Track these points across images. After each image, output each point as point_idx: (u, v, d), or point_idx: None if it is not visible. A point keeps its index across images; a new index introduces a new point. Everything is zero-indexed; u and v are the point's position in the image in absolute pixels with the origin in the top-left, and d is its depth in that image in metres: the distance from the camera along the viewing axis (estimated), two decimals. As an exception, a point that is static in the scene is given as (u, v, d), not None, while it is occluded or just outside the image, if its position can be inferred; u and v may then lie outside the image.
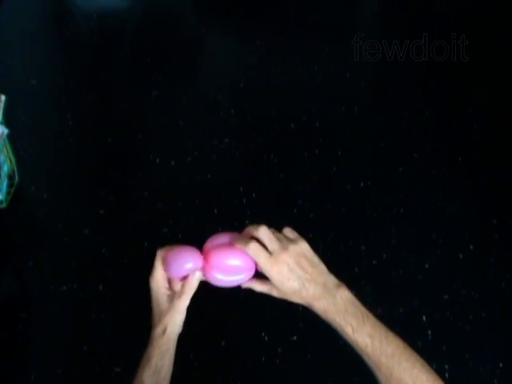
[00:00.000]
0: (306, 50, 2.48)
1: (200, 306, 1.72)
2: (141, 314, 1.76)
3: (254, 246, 0.74)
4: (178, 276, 0.79)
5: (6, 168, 1.83)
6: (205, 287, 0.83)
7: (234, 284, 0.82)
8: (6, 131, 1.73)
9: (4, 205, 1.82)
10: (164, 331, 0.80)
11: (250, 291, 0.86)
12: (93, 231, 1.82)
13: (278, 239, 0.75)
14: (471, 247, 1.80)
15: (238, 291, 1.72)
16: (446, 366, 1.49)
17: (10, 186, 1.86)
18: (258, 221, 0.84)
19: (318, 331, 1.61)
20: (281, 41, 2.54)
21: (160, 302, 0.80)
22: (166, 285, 0.81)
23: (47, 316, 1.65)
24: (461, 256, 1.78)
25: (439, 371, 0.71)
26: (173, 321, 0.80)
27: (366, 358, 0.71)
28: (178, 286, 0.80)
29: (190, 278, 0.79)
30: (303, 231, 0.79)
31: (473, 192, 1.96)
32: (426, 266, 1.74)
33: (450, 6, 2.69)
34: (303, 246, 0.76)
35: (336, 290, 0.73)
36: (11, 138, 1.80)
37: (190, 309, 0.85)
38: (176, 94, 2.29)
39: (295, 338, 1.59)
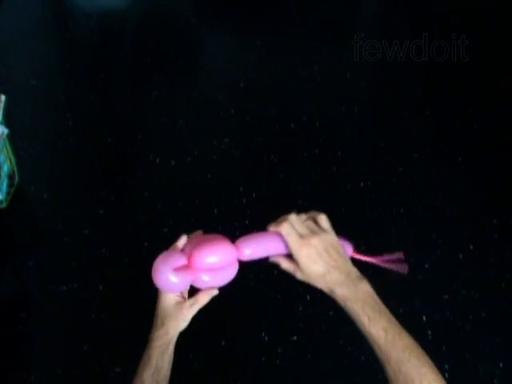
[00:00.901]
0: (306, 50, 2.48)
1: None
2: (141, 314, 1.76)
3: (286, 226, 0.76)
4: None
5: (6, 168, 1.83)
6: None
7: (223, 282, 0.81)
8: (5, 131, 1.73)
9: (4, 205, 1.82)
10: (166, 334, 0.82)
11: (251, 292, 0.86)
12: (93, 231, 1.82)
13: (310, 226, 0.78)
14: (471, 247, 1.80)
15: (238, 291, 1.73)
16: (446, 366, 1.49)
17: (10, 185, 1.86)
18: (257, 220, 0.84)
19: (318, 331, 1.62)
20: (281, 41, 2.54)
21: (167, 305, 0.83)
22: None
23: (47, 316, 1.65)
24: (461, 256, 1.78)
25: (439, 371, 0.72)
26: (177, 327, 0.83)
27: (377, 349, 0.72)
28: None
29: (205, 291, 0.81)
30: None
31: (473, 192, 1.96)
32: (426, 266, 1.74)
33: (449, 5, 2.69)
34: (332, 237, 0.78)
35: (358, 281, 0.75)
36: (11, 138, 1.80)
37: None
38: (176, 94, 2.30)
39: (295, 338, 1.59)
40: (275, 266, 0.77)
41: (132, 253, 1.77)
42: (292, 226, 0.76)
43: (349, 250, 0.84)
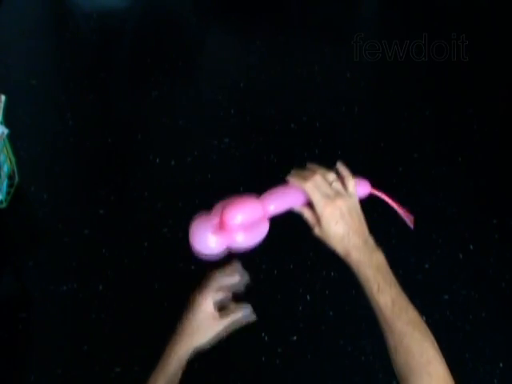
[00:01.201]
0: (306, 50, 2.48)
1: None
2: (141, 314, 1.77)
3: (311, 185, 0.76)
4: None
5: (6, 168, 1.83)
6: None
7: (256, 240, 0.80)
8: (5, 131, 1.73)
9: (4, 205, 1.82)
10: (190, 345, 0.85)
11: (250, 292, 0.86)
12: (93, 231, 1.82)
13: (336, 187, 0.78)
14: (471, 247, 1.80)
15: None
16: (446, 366, 1.49)
17: (10, 185, 1.86)
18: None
19: (318, 331, 1.62)
20: (281, 41, 2.54)
21: (201, 318, 0.84)
22: (212, 306, 0.85)
23: (47, 316, 1.65)
24: (461, 256, 1.78)
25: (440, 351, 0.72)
26: (202, 339, 0.85)
27: (382, 319, 0.73)
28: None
29: (238, 309, 0.85)
30: (303, 231, 0.79)
31: (473, 192, 1.96)
32: (426, 266, 1.74)
33: (449, 6, 2.69)
34: (356, 202, 0.79)
35: (374, 250, 0.76)
36: (11, 138, 1.80)
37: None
38: (176, 94, 2.29)
39: (295, 337, 1.59)
40: (275, 266, 0.77)
41: (132, 253, 1.77)
42: (315, 185, 0.76)
43: (366, 187, 0.87)
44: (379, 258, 0.76)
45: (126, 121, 2.21)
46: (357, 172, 0.86)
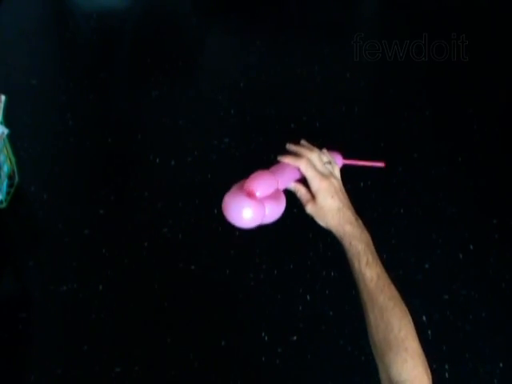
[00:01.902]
0: (306, 50, 2.48)
1: (200, 305, 1.73)
2: (141, 314, 1.77)
3: (305, 162, 0.79)
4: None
5: (6, 168, 1.83)
6: (203, 288, 0.83)
7: (281, 210, 0.82)
8: (5, 131, 1.73)
9: (4, 205, 1.82)
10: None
11: (251, 292, 0.86)
12: (93, 231, 1.82)
13: (328, 168, 0.81)
14: (471, 247, 1.80)
15: (238, 291, 1.73)
16: (446, 366, 1.49)
17: (10, 185, 1.86)
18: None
19: (318, 331, 1.62)
20: (281, 41, 2.54)
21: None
22: None
23: (47, 316, 1.65)
24: (461, 256, 1.78)
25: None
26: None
27: (365, 292, 0.75)
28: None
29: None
30: (303, 231, 0.79)
31: (473, 192, 1.96)
32: (426, 266, 1.74)
33: (449, 6, 2.69)
34: (340, 183, 0.82)
35: (363, 228, 0.78)
36: (11, 138, 1.80)
37: (191, 309, 0.86)
38: (176, 94, 2.29)
39: (295, 337, 1.59)
40: (275, 266, 0.77)
41: (132, 253, 1.77)
42: (309, 162, 0.79)
43: (339, 159, 0.90)
44: (368, 236, 0.78)
45: (126, 121, 2.21)
46: (357, 172, 0.86)
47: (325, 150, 0.85)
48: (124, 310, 1.64)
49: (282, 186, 0.82)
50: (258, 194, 0.79)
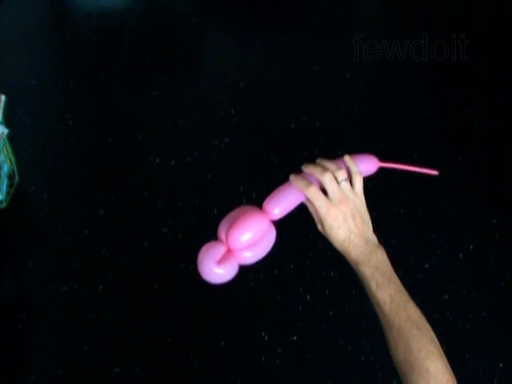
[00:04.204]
0: (306, 50, 2.48)
1: (200, 305, 1.73)
2: (141, 314, 1.77)
3: (313, 191, 0.76)
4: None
5: (6, 168, 1.83)
6: (203, 288, 0.83)
7: (267, 249, 0.82)
8: (5, 131, 1.73)
9: (4, 205, 1.82)
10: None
11: (251, 292, 0.86)
12: (93, 231, 1.82)
13: (341, 188, 0.77)
14: (471, 247, 1.80)
15: (238, 291, 1.73)
16: (446, 366, 1.49)
17: (10, 185, 1.86)
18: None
19: (318, 331, 1.62)
20: (281, 41, 2.54)
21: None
22: None
23: (47, 316, 1.65)
24: (461, 256, 1.78)
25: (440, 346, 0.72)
26: None
27: (381, 315, 0.74)
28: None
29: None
30: (303, 231, 0.79)
31: (473, 192, 1.96)
32: (426, 266, 1.75)
33: (449, 5, 2.69)
34: (361, 201, 0.79)
35: (375, 248, 0.78)
36: (11, 138, 1.80)
37: (190, 309, 0.86)
38: (176, 94, 2.29)
39: (295, 337, 1.59)
40: (275, 266, 0.77)
41: (132, 253, 1.77)
42: (317, 190, 0.76)
43: (374, 162, 0.87)
44: (379, 256, 0.77)
45: (126, 121, 2.21)
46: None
47: (346, 159, 0.82)
48: (124, 310, 1.64)
49: (283, 213, 0.80)
50: (237, 246, 0.78)
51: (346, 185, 0.78)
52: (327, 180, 0.76)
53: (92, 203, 1.91)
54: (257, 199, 0.83)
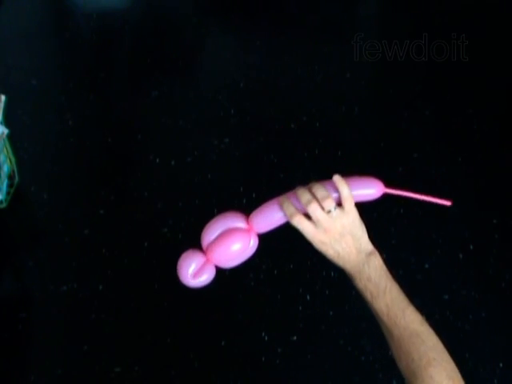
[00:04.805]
0: (306, 50, 2.48)
1: (200, 305, 1.73)
2: (141, 314, 1.77)
3: (297, 220, 0.75)
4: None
5: (6, 168, 1.83)
6: (203, 288, 0.83)
7: (247, 257, 0.82)
8: (6, 131, 1.73)
9: (4, 205, 1.82)
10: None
11: (251, 292, 0.86)
12: (93, 231, 1.82)
13: (327, 217, 0.74)
14: (471, 247, 1.80)
15: (238, 291, 1.73)
16: (446, 366, 1.49)
17: (10, 185, 1.86)
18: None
19: (318, 331, 1.62)
20: (281, 41, 2.54)
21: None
22: None
23: (47, 316, 1.65)
24: (461, 256, 1.78)
25: (444, 349, 0.72)
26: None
27: (381, 324, 0.74)
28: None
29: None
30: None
31: (473, 192, 1.96)
32: (426, 266, 1.74)
33: (449, 5, 2.69)
34: (352, 220, 0.76)
35: (366, 259, 0.76)
36: (11, 138, 1.80)
37: (191, 309, 0.86)
38: (176, 94, 2.29)
39: (295, 337, 1.59)
40: (275, 266, 0.77)
41: (132, 253, 1.77)
42: (302, 218, 0.75)
43: (380, 187, 0.83)
44: (371, 265, 0.75)
45: (126, 121, 2.21)
46: (357, 172, 0.86)
47: (336, 180, 0.78)
48: (124, 310, 1.64)
49: (266, 230, 0.80)
50: (218, 263, 0.80)
51: (334, 213, 0.75)
52: (312, 210, 0.74)
53: (92, 203, 1.91)
54: (257, 199, 0.82)
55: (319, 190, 0.76)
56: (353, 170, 0.85)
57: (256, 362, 1.55)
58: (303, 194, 0.76)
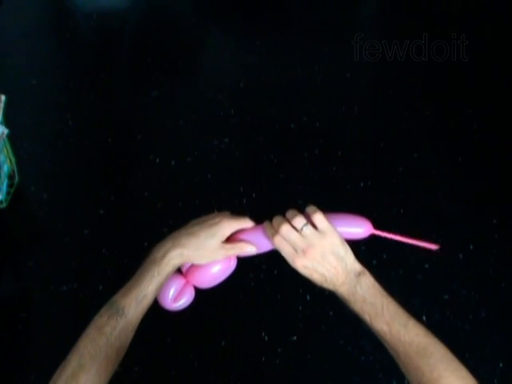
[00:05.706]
0: (306, 50, 2.48)
1: (200, 305, 1.72)
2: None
3: (278, 239, 0.74)
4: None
5: (6, 168, 1.83)
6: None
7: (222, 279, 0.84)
8: (6, 131, 1.73)
9: (4, 205, 1.82)
10: (187, 261, 0.78)
11: (251, 292, 0.86)
12: (93, 231, 1.82)
13: (305, 234, 0.73)
14: (471, 247, 1.80)
15: (238, 291, 1.73)
16: (446, 366, 1.49)
17: (10, 185, 1.86)
18: (257, 221, 0.84)
19: (318, 331, 1.62)
20: (281, 41, 2.54)
21: (213, 242, 0.78)
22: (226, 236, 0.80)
23: (47, 316, 1.65)
24: (461, 256, 1.78)
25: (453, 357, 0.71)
26: (201, 262, 0.80)
27: (385, 344, 0.72)
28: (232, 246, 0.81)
29: (247, 245, 0.80)
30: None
31: (473, 192, 1.96)
32: (426, 265, 1.74)
33: (449, 5, 2.69)
34: (331, 240, 0.75)
35: (357, 280, 0.74)
36: (11, 138, 1.80)
37: (190, 308, 0.86)
38: (176, 94, 2.30)
39: (295, 337, 1.59)
40: (275, 266, 0.78)
41: (132, 253, 1.76)
42: (283, 240, 0.74)
43: (368, 227, 0.81)
44: (363, 285, 0.74)
45: (126, 121, 2.21)
46: (357, 172, 0.86)
47: (309, 206, 0.78)
48: (124, 310, 1.64)
49: (249, 255, 0.82)
50: (199, 286, 0.84)
51: (306, 230, 0.73)
52: (284, 232, 0.73)
53: (92, 203, 1.91)
54: (257, 199, 0.83)
55: (290, 212, 0.77)
56: (353, 169, 0.86)
57: (256, 362, 1.55)
58: (274, 220, 0.77)
